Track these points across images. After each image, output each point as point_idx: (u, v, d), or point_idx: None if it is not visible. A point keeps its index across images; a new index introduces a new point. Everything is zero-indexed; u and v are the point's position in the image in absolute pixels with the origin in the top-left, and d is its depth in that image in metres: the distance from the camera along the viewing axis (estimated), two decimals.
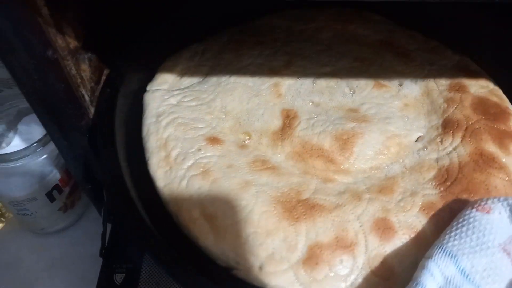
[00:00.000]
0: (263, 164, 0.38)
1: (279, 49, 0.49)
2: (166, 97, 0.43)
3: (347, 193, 0.36)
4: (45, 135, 0.48)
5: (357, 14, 0.54)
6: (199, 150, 0.38)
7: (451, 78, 0.45)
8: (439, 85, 0.45)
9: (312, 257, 0.32)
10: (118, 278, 0.45)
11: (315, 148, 0.39)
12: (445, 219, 0.33)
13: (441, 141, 0.40)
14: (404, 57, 0.48)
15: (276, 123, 0.42)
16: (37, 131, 0.50)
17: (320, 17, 0.53)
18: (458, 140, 0.39)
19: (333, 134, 0.40)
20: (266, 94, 0.44)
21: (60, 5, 0.37)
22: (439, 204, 0.34)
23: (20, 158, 0.47)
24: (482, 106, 0.41)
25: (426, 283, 0.26)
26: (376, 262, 0.32)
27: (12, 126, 0.52)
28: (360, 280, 0.31)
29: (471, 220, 0.29)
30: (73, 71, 0.39)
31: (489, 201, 0.30)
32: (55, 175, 0.51)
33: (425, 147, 0.40)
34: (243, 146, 0.40)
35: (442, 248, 0.28)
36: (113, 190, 0.36)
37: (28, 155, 0.48)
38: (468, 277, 0.26)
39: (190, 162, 0.37)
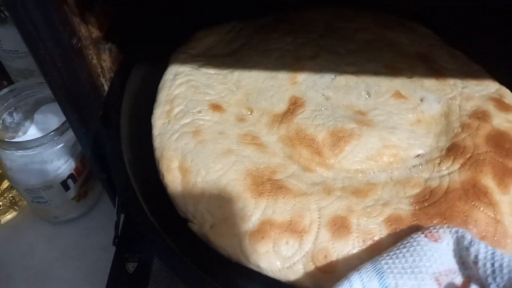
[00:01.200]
0: (253, 140, 0.40)
1: (311, 41, 0.50)
2: (189, 60, 0.46)
3: (320, 185, 0.36)
4: (62, 124, 0.49)
5: (402, 22, 0.52)
6: (200, 112, 0.41)
7: (478, 105, 0.42)
8: (462, 110, 0.42)
9: (260, 231, 0.33)
10: (131, 267, 0.46)
11: (308, 138, 0.40)
12: (406, 237, 0.32)
13: (439, 163, 0.38)
14: (437, 74, 0.46)
15: (281, 106, 0.43)
16: (53, 120, 0.52)
17: (362, 19, 0.53)
18: (456, 166, 0.37)
19: (331, 129, 0.40)
20: (282, 79, 0.45)
21: None
22: (407, 221, 0.33)
23: (37, 146, 0.48)
24: (498, 139, 0.39)
25: None
26: (321, 255, 0.32)
27: (28, 115, 0.54)
28: (299, 265, 0.32)
29: (415, 244, 0.28)
30: (95, 61, 0.40)
31: (441, 230, 0.29)
32: (70, 164, 0.52)
33: (421, 164, 0.39)
34: (241, 120, 0.42)
35: (373, 263, 0.27)
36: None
37: (45, 144, 0.48)
38: None
39: (187, 120, 0.40)
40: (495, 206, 0.34)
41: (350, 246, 0.32)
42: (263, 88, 0.45)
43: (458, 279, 0.27)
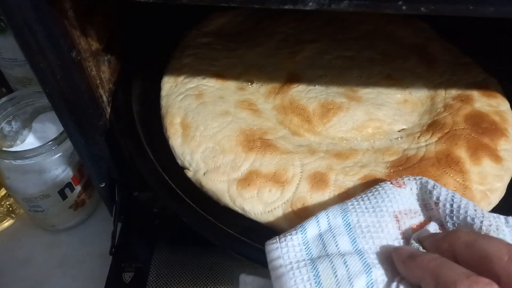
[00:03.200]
0: (250, 106, 0.44)
1: (314, 28, 0.54)
2: (200, 36, 0.51)
3: (306, 147, 0.40)
4: (60, 134, 0.49)
5: (404, 17, 0.56)
6: (204, 78, 0.45)
7: (463, 90, 0.45)
8: (447, 93, 0.45)
9: (247, 179, 0.37)
10: (127, 277, 0.46)
11: (300, 108, 0.44)
12: None
13: (419, 137, 0.41)
14: (429, 63, 0.49)
15: (279, 80, 0.47)
16: (51, 129, 0.52)
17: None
18: (434, 139, 0.40)
19: (322, 101, 0.44)
20: (283, 58, 0.49)
21: (87, 9, 0.39)
22: (381, 180, 0.36)
23: (35, 156, 0.48)
24: (476, 118, 0.42)
25: (308, 227, 0.29)
26: (299, 203, 0.36)
27: (27, 124, 0.53)
28: (279, 210, 0.36)
29: (380, 189, 0.31)
30: (94, 72, 0.41)
31: (406, 178, 0.31)
32: (68, 173, 0.52)
33: (401, 137, 0.42)
34: (241, 88, 0.46)
35: (340, 205, 0.30)
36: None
37: (44, 153, 0.48)
38: (349, 229, 0.28)
39: (192, 85, 0.45)
40: (465, 174, 0.37)
41: (326, 197, 0.36)
42: (264, 64, 0.49)
43: (418, 219, 0.30)
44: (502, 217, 0.28)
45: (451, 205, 0.29)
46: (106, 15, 0.44)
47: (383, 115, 0.43)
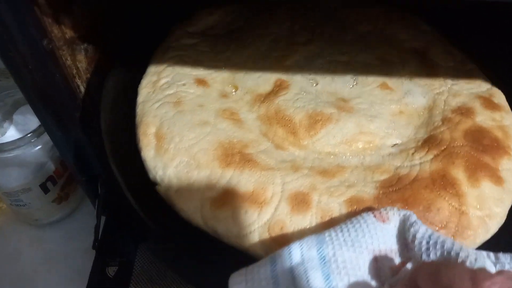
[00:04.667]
0: (231, 115, 0.41)
1: (308, 28, 0.50)
2: (185, 36, 0.48)
3: (289, 163, 0.37)
4: (40, 126, 0.48)
5: (404, 18, 0.52)
6: (184, 85, 0.42)
7: (464, 102, 0.42)
8: (447, 105, 0.42)
9: (222, 198, 0.34)
10: (111, 271, 0.45)
11: (286, 118, 0.41)
12: None
13: (413, 153, 0.38)
14: (429, 69, 0.46)
15: (266, 88, 0.44)
16: (33, 121, 0.50)
17: (365, 11, 0.53)
18: (429, 156, 0.37)
19: (309, 112, 0.41)
20: (272, 62, 0.46)
21: None
22: (368, 203, 0.33)
23: (14, 149, 0.47)
24: (477, 134, 0.38)
25: (278, 258, 0.26)
26: (277, 227, 0.33)
27: (7, 116, 0.52)
28: (255, 235, 0.33)
29: (362, 222, 0.28)
30: (69, 62, 0.39)
31: (390, 212, 0.29)
32: (49, 166, 0.51)
33: (394, 153, 0.38)
34: (224, 96, 0.43)
35: (317, 235, 0.28)
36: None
37: (23, 145, 0.47)
38: (324, 263, 0.26)
39: (171, 91, 0.42)
40: (461, 197, 0.34)
41: (307, 221, 0.33)
42: (251, 69, 0.46)
43: (397, 260, 0.27)
44: (484, 252, 0.26)
45: (428, 242, 0.26)
46: (85, 3, 0.41)
47: (375, 127, 0.40)
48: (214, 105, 0.41)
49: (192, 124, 0.39)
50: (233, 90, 0.44)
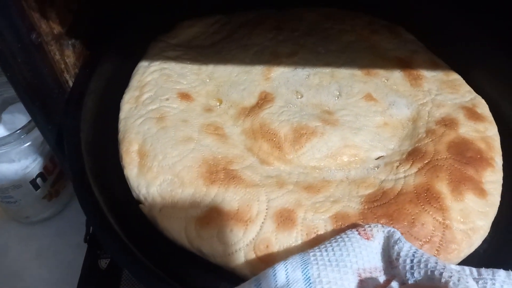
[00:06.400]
0: (215, 130, 0.40)
1: (292, 39, 0.50)
2: (167, 49, 0.47)
3: (274, 178, 0.37)
4: (28, 122, 0.48)
5: (388, 28, 0.52)
6: (167, 99, 0.42)
7: (447, 113, 0.42)
8: (431, 116, 0.42)
9: (207, 217, 0.33)
10: (103, 263, 0.46)
11: (271, 132, 0.40)
12: None
13: (397, 166, 0.38)
14: (413, 80, 0.46)
15: (251, 100, 0.44)
16: (21, 120, 0.50)
17: (350, 21, 0.53)
18: (414, 170, 0.37)
19: (294, 125, 0.41)
20: (256, 74, 0.46)
21: None
22: (353, 219, 0.33)
23: (3, 145, 0.47)
24: (460, 147, 0.38)
25: (263, 281, 0.26)
26: (263, 245, 0.32)
27: None
28: (241, 253, 0.32)
29: (347, 239, 0.28)
30: (57, 56, 0.39)
31: (374, 229, 0.29)
32: (39, 163, 0.51)
33: (379, 166, 0.39)
34: (208, 110, 0.42)
35: (302, 255, 0.27)
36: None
37: (12, 142, 0.47)
38: (309, 284, 0.26)
39: (154, 107, 0.41)
40: (445, 211, 0.34)
41: (293, 239, 0.32)
42: (235, 82, 0.45)
43: (382, 278, 0.27)
44: (467, 268, 0.26)
45: (412, 261, 0.26)
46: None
47: (360, 140, 0.40)
48: (198, 120, 0.41)
49: (176, 140, 0.38)
50: (218, 104, 0.43)
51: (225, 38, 0.51)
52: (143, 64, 0.45)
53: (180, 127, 0.39)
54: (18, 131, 0.47)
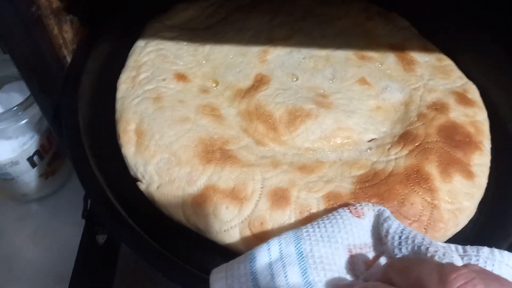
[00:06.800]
0: (212, 111, 0.41)
1: (288, 23, 0.50)
2: (163, 30, 0.47)
3: (269, 159, 0.37)
4: (26, 99, 0.49)
5: (383, 13, 0.53)
6: (164, 80, 0.42)
7: (439, 97, 0.43)
8: (422, 100, 0.43)
9: (203, 195, 0.34)
10: (101, 238, 0.47)
11: (266, 114, 0.41)
12: None
13: (389, 149, 0.39)
14: (407, 65, 0.47)
15: (246, 82, 0.44)
16: (17, 99, 0.50)
17: (345, 7, 0.53)
18: (404, 152, 0.38)
19: (289, 108, 0.41)
20: (252, 56, 0.46)
21: None
22: (345, 198, 0.34)
23: (1, 121, 0.48)
24: (450, 130, 0.39)
25: (258, 255, 0.27)
26: (258, 222, 0.33)
27: None
28: (236, 230, 0.33)
29: (338, 217, 0.29)
30: (56, 31, 0.40)
31: (365, 207, 0.30)
32: (36, 141, 0.52)
33: (371, 148, 0.40)
34: (205, 91, 0.43)
35: (295, 231, 0.28)
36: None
37: (9, 118, 0.48)
38: (302, 259, 0.27)
39: (151, 87, 0.41)
40: (434, 192, 0.35)
41: (286, 217, 0.33)
42: (231, 64, 0.46)
43: (371, 254, 0.28)
44: (453, 245, 0.28)
45: (400, 237, 0.28)
46: None
47: (353, 123, 0.41)
48: (195, 101, 0.41)
49: (173, 120, 0.39)
50: (214, 85, 0.44)
51: (221, 21, 0.51)
52: (139, 44, 0.45)
53: (177, 108, 0.40)
54: (15, 108, 0.48)
